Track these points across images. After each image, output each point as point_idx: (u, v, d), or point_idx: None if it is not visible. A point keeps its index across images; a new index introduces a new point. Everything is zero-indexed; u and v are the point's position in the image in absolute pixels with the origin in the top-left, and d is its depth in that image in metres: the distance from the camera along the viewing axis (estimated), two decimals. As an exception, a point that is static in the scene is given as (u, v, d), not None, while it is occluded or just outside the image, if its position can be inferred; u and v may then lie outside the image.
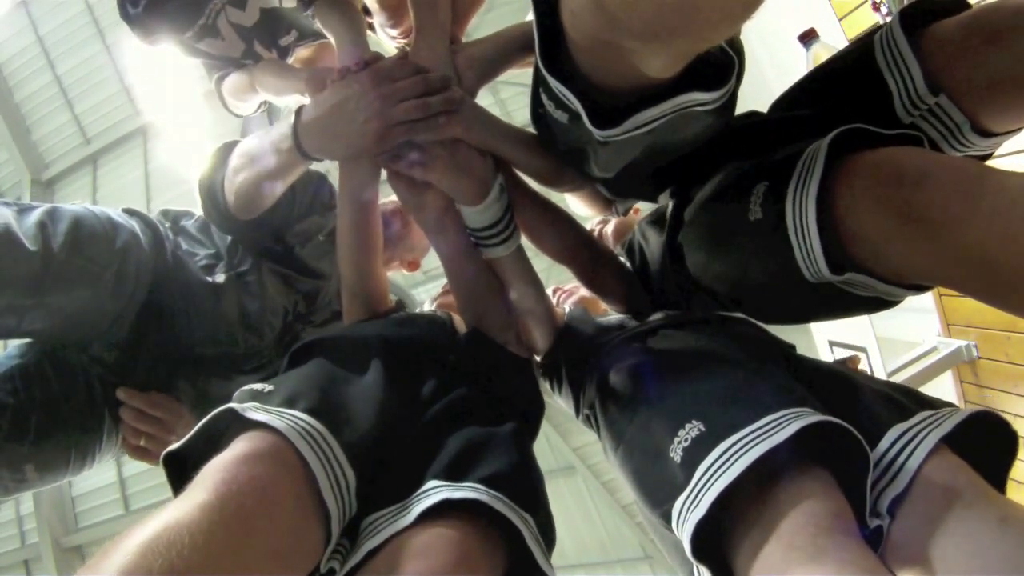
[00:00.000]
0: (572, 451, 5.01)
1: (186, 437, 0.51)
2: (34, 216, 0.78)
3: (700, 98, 0.51)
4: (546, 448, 5.01)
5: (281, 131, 0.73)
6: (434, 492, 0.51)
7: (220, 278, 0.92)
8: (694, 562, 0.48)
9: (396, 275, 1.38)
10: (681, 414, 0.54)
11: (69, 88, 4.31)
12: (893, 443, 0.53)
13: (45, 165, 4.53)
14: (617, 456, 0.64)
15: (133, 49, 0.89)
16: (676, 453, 0.52)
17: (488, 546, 0.51)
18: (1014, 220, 0.44)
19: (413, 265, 1.15)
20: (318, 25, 0.90)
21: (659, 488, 0.53)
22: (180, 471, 0.51)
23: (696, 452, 0.50)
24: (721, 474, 0.46)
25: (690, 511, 0.47)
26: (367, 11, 0.89)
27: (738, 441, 0.48)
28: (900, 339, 2.04)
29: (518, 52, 0.75)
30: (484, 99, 0.78)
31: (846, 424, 0.48)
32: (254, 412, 0.49)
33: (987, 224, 0.45)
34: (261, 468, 0.44)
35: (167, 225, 0.97)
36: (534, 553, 0.51)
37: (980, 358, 1.79)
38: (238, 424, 0.50)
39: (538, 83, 0.59)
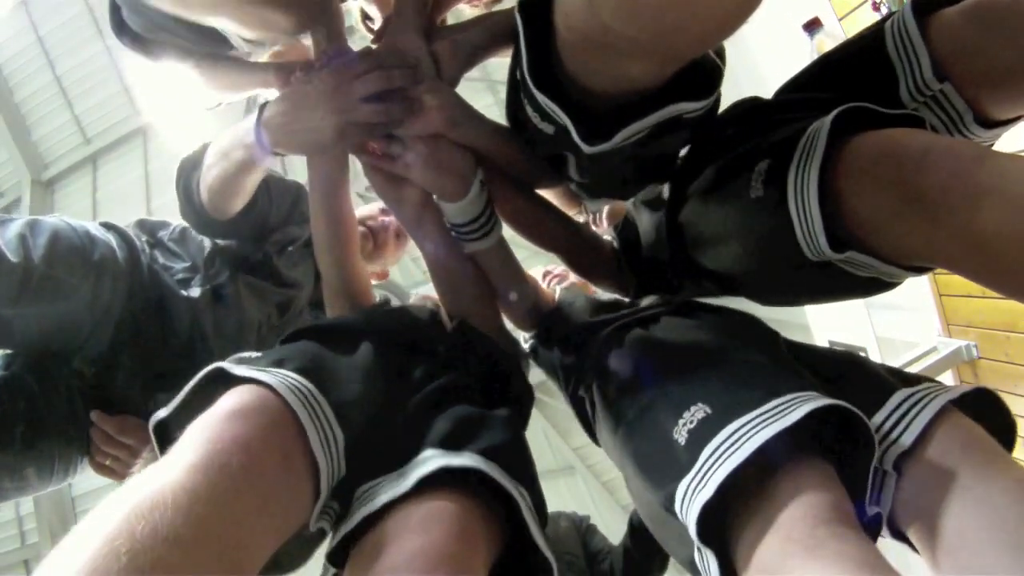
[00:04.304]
0: (572, 451, 5.01)
1: (174, 402, 0.50)
2: (14, 228, 0.79)
3: (689, 107, 0.51)
4: (546, 448, 5.01)
5: (245, 125, 0.74)
6: (432, 459, 0.50)
7: (195, 292, 0.92)
8: (699, 545, 0.47)
9: (394, 274, 1.39)
10: (685, 397, 0.54)
11: (69, 88, 4.31)
12: (899, 404, 0.54)
13: (45, 165, 4.52)
14: (616, 438, 0.63)
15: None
16: (680, 435, 0.51)
17: (486, 519, 0.50)
18: (1012, 203, 0.44)
19: (382, 276, 1.19)
20: None
21: (662, 470, 0.52)
22: (168, 438, 0.50)
23: (702, 434, 0.49)
24: (728, 457, 0.46)
25: (696, 494, 0.47)
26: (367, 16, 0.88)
27: (746, 424, 0.47)
28: (900, 339, 2.04)
29: (504, 40, 0.73)
30: (483, 98, 0.77)
31: (854, 408, 0.48)
32: (243, 370, 0.49)
33: (986, 207, 0.45)
34: (247, 425, 0.44)
35: (144, 238, 0.97)
36: (530, 527, 0.50)
37: (980, 358, 1.78)
38: (227, 384, 0.49)
39: (517, 90, 0.58)
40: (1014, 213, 0.43)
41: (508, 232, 0.84)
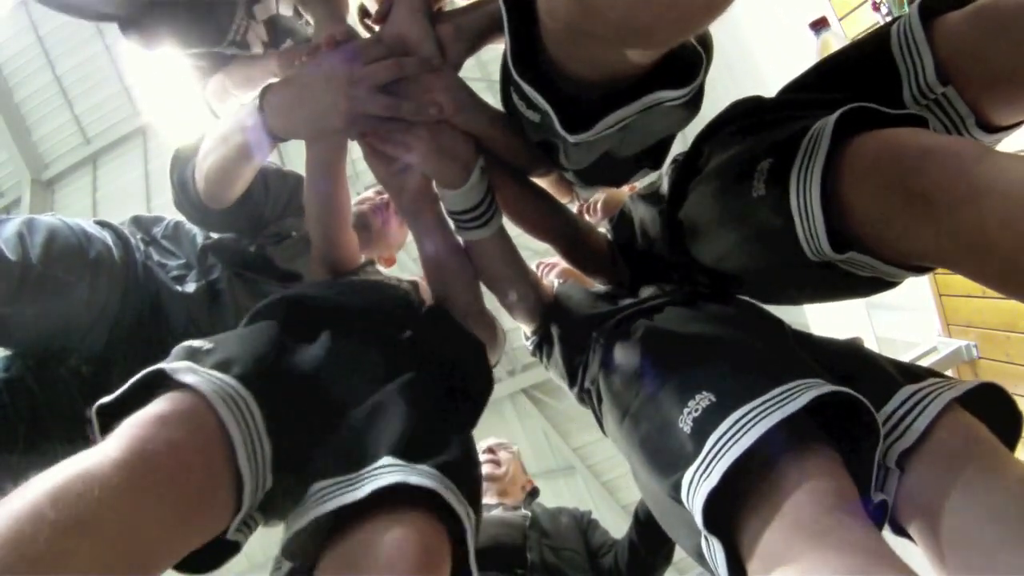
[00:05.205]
0: (572, 451, 5.01)
1: (118, 392, 0.51)
2: (12, 227, 0.79)
3: (669, 95, 0.51)
4: (546, 448, 5.01)
5: (247, 109, 0.72)
6: (389, 471, 0.49)
7: (190, 288, 0.92)
8: (705, 533, 0.48)
9: (395, 272, 1.38)
10: (691, 385, 0.54)
11: (69, 88, 4.31)
12: (904, 401, 0.54)
13: (45, 165, 4.53)
14: (623, 429, 0.63)
15: (133, 49, 0.87)
16: (686, 424, 0.51)
17: (441, 539, 0.49)
18: (1012, 204, 0.44)
19: (389, 261, 1.18)
20: (310, 31, 0.90)
21: (668, 459, 0.52)
22: (109, 423, 0.50)
23: (707, 422, 0.49)
24: (733, 444, 0.46)
25: (701, 481, 0.47)
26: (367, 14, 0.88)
27: (750, 411, 0.47)
28: (900, 339, 2.03)
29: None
30: (485, 97, 0.76)
31: (858, 395, 0.48)
32: (184, 374, 0.49)
33: (986, 207, 0.45)
34: (177, 430, 0.45)
35: (138, 236, 0.97)
36: (470, 552, 0.50)
37: (980, 358, 1.78)
38: (169, 383, 0.50)
39: (507, 78, 0.58)
40: (1014, 212, 0.43)
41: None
